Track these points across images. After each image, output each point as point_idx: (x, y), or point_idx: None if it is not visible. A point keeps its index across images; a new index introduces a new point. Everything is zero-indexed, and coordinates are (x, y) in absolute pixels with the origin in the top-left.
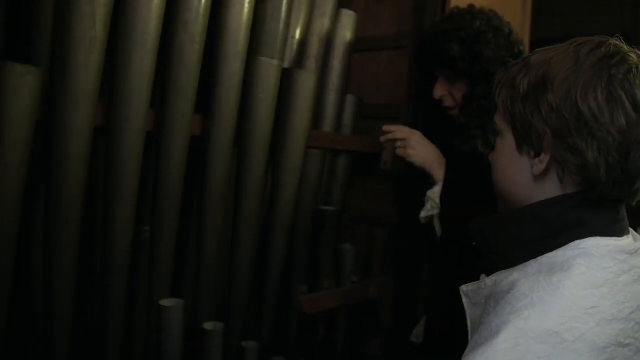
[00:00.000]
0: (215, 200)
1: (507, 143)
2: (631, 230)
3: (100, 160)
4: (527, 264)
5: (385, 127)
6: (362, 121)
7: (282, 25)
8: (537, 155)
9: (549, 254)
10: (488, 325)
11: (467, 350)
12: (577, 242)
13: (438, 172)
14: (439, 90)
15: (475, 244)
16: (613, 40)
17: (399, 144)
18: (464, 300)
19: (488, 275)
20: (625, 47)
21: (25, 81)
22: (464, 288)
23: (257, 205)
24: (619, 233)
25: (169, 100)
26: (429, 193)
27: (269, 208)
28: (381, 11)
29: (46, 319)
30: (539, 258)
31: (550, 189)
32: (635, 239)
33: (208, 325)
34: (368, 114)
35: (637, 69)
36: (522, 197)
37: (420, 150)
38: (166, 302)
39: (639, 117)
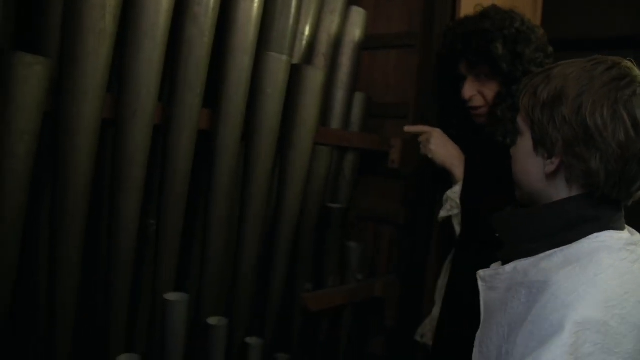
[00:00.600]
0: (221, 195)
1: (525, 142)
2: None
3: (107, 153)
4: (550, 254)
5: (407, 128)
6: (370, 119)
7: (291, 21)
8: (549, 157)
9: (573, 245)
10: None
11: (478, 334)
12: (595, 234)
13: (458, 170)
14: (469, 91)
15: (497, 235)
16: (626, 62)
17: (420, 138)
18: (480, 283)
19: (504, 263)
20: (636, 70)
21: (34, 71)
22: (480, 273)
23: (263, 201)
24: (622, 227)
25: (177, 94)
26: (449, 193)
27: (276, 204)
28: (391, 9)
29: (49, 316)
30: (563, 249)
31: (559, 186)
32: (631, 232)
33: (212, 320)
34: (376, 112)
35: None
36: (536, 190)
37: (441, 147)
38: (171, 296)
39: (637, 134)
